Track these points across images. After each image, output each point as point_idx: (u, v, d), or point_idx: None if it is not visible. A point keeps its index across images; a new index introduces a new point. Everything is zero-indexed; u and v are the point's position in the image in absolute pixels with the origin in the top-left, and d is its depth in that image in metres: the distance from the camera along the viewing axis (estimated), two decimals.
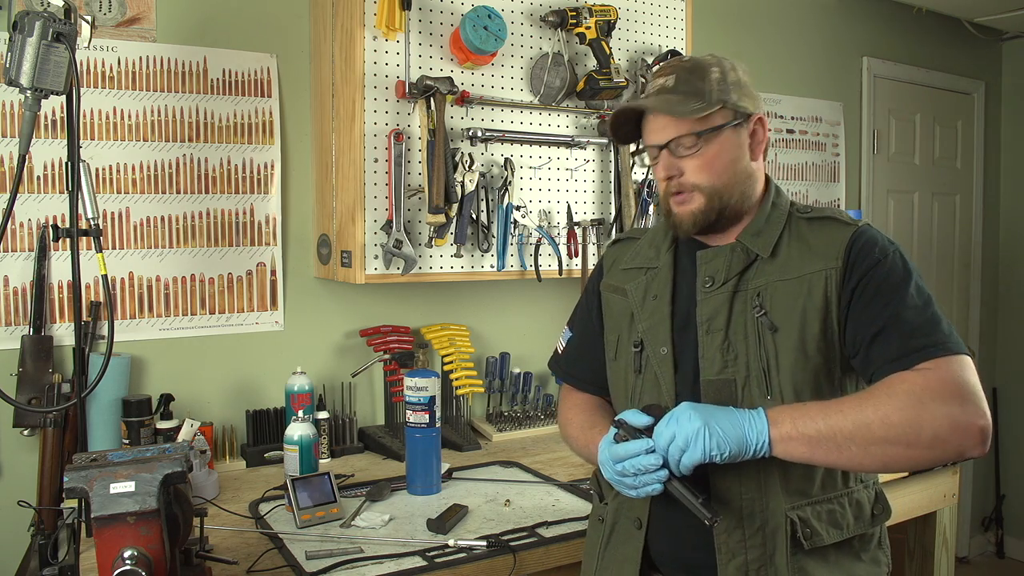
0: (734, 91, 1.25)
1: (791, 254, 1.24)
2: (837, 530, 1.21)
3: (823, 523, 1.20)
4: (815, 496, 1.21)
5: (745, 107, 1.26)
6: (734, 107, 1.25)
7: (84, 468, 1.16)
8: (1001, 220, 4.21)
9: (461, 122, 2.04)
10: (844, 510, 1.23)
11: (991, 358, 4.21)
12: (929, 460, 1.11)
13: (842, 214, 1.28)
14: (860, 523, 1.24)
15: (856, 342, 1.18)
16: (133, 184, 2.00)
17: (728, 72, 1.27)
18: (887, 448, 1.08)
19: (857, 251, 1.20)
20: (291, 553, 1.48)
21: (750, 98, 1.28)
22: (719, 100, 1.23)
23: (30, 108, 1.43)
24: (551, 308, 2.60)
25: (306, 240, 2.22)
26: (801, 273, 1.21)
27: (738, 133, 1.26)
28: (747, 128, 1.27)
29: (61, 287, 1.91)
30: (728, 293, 1.24)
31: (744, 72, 1.29)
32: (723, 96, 1.24)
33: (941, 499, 2.23)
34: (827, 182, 3.36)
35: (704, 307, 1.25)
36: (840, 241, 1.22)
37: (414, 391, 1.79)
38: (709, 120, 1.23)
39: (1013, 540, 4.17)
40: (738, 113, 1.25)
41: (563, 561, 1.55)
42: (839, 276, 1.19)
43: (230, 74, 2.11)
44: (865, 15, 3.49)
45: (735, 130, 1.25)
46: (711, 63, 1.27)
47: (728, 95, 1.24)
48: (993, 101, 4.13)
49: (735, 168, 1.25)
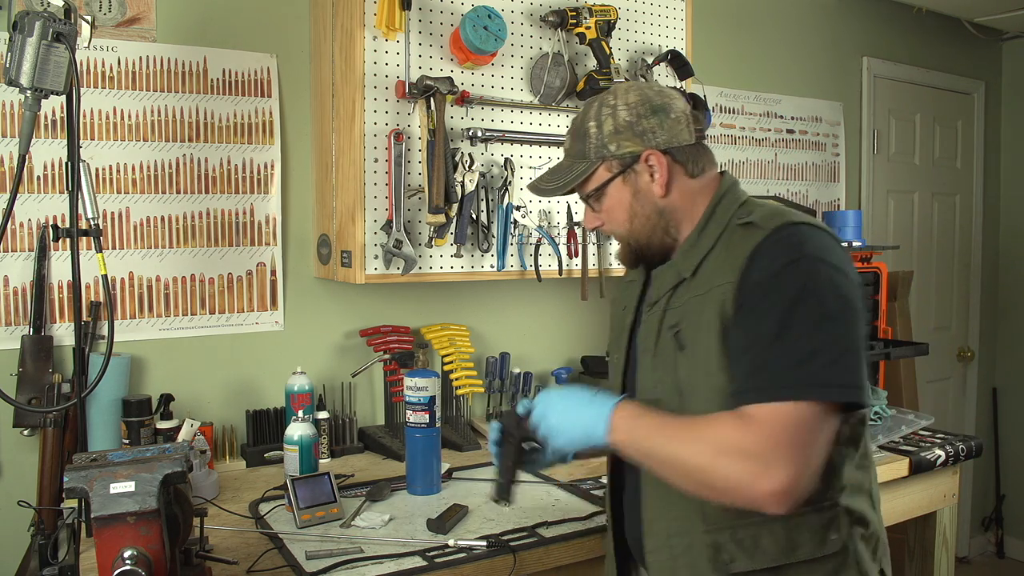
0: (612, 141, 1.24)
1: (710, 268, 1.19)
2: (764, 555, 1.13)
3: (744, 548, 1.14)
4: (736, 521, 1.14)
5: (627, 153, 1.24)
6: (616, 157, 1.25)
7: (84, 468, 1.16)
8: (1001, 220, 4.21)
9: (461, 122, 2.04)
10: (775, 535, 1.13)
11: (991, 358, 4.21)
12: (731, 503, 1.09)
13: (775, 216, 1.17)
14: (803, 548, 1.13)
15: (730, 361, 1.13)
16: (133, 184, 2.00)
17: (604, 122, 1.25)
18: (690, 485, 1.10)
19: (755, 261, 1.12)
20: (291, 553, 1.48)
21: (635, 137, 1.24)
22: (598, 157, 1.26)
23: (30, 108, 1.43)
24: (551, 308, 2.60)
25: (306, 240, 2.23)
26: (709, 288, 1.16)
27: (630, 180, 1.25)
28: (638, 170, 1.25)
29: (61, 287, 1.91)
30: (660, 312, 1.24)
31: (631, 107, 1.24)
32: (601, 152, 1.25)
33: (941, 499, 2.23)
34: (827, 182, 3.36)
35: (643, 327, 1.28)
36: (745, 250, 1.14)
37: (414, 391, 1.79)
38: (595, 178, 1.27)
39: (1013, 540, 4.17)
40: (622, 162, 1.25)
41: (563, 561, 1.55)
42: (734, 289, 1.12)
43: (230, 74, 2.11)
44: (865, 15, 3.49)
45: (624, 179, 1.26)
46: (589, 117, 1.27)
47: (605, 148, 1.25)
48: (993, 101, 4.13)
49: (638, 213, 1.26)
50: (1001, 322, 4.21)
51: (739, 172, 3.06)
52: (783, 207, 1.21)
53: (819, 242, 1.12)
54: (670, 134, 1.24)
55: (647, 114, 1.24)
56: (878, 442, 2.17)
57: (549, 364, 2.61)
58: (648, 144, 1.24)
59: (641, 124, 1.23)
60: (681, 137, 1.25)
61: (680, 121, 1.25)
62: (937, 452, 2.13)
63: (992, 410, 4.20)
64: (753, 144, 3.11)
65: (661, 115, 1.24)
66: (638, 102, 1.24)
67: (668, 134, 1.24)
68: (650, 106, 1.24)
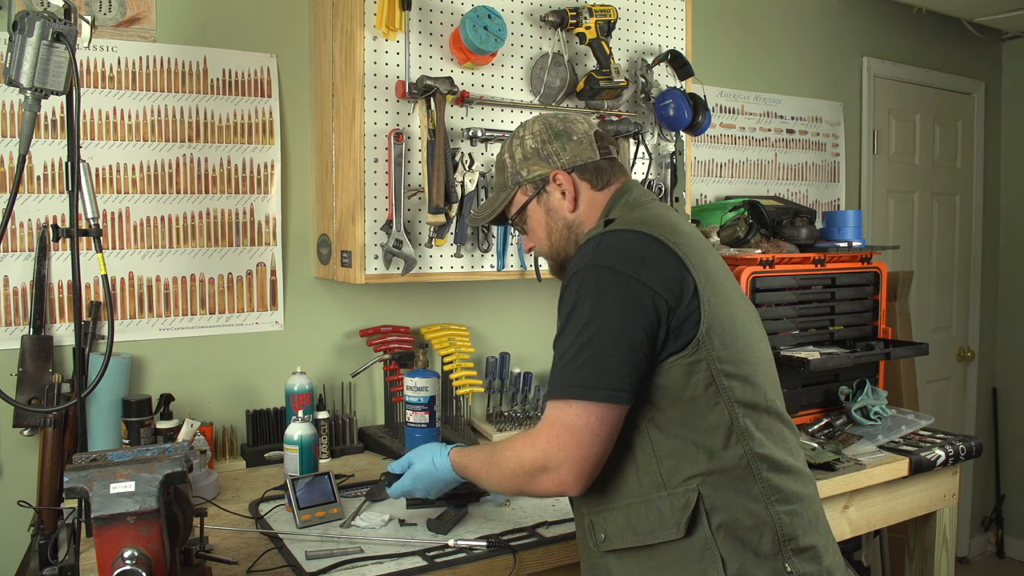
0: (523, 167, 1.42)
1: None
2: (634, 535, 1.23)
3: (617, 527, 1.25)
4: (610, 503, 1.26)
5: (536, 176, 1.41)
6: (528, 181, 1.42)
7: (84, 468, 1.16)
8: (1001, 220, 4.21)
9: (461, 122, 2.04)
10: (642, 517, 1.22)
11: (991, 358, 4.21)
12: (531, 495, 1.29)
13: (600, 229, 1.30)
14: (663, 531, 1.21)
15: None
16: (133, 184, 2.00)
17: (515, 152, 1.43)
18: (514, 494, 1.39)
19: (567, 273, 1.28)
20: (291, 553, 1.48)
21: (542, 161, 1.40)
22: (514, 183, 1.44)
23: (30, 108, 1.43)
24: (551, 308, 2.58)
25: (306, 240, 2.23)
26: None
27: (543, 200, 1.42)
28: (549, 190, 1.41)
29: (61, 287, 1.91)
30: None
31: (536, 135, 1.41)
32: (516, 179, 1.43)
33: (941, 499, 2.23)
34: (827, 182, 3.36)
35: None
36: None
37: (414, 391, 1.80)
38: (515, 203, 1.45)
39: (1013, 540, 4.17)
40: (535, 185, 1.42)
41: (563, 561, 1.55)
42: (559, 300, 1.29)
43: (230, 74, 2.11)
44: (865, 15, 3.49)
45: (538, 200, 1.42)
46: (504, 151, 1.46)
47: (519, 175, 1.43)
48: (993, 101, 4.13)
49: (554, 229, 1.42)
50: (1001, 322, 4.21)
51: (739, 172, 3.06)
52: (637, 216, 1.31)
53: (610, 248, 1.24)
54: (573, 154, 1.40)
55: (550, 139, 1.41)
56: (878, 442, 2.17)
57: (549, 364, 2.59)
58: (554, 165, 1.40)
59: (546, 148, 1.40)
60: (584, 155, 1.40)
61: (582, 142, 1.41)
62: (937, 452, 2.13)
63: (992, 410, 4.20)
64: (753, 144, 3.11)
65: (563, 138, 1.40)
66: (541, 130, 1.42)
67: (571, 154, 1.40)
68: (552, 132, 1.41)
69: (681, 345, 1.20)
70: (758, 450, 1.22)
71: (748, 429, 1.22)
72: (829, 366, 2.23)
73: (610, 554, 1.27)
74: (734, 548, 1.19)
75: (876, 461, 2.03)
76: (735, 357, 1.23)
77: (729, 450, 1.20)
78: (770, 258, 2.29)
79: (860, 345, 2.41)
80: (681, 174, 2.36)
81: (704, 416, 1.21)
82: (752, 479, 1.21)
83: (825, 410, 2.39)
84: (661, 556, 1.21)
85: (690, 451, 1.21)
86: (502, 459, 1.29)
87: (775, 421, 1.28)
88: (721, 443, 1.20)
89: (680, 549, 1.20)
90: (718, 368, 1.21)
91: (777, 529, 1.20)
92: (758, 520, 1.20)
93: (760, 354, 1.30)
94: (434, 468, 1.44)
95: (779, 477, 1.23)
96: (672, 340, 1.20)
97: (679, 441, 1.21)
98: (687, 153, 2.39)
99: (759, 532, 1.20)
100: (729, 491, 1.20)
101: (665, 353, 1.20)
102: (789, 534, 1.21)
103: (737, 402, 1.22)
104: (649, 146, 2.31)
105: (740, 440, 1.21)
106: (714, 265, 1.28)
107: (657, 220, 1.29)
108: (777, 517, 1.21)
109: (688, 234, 1.29)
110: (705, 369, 1.20)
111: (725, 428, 1.21)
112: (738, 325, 1.26)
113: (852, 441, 2.17)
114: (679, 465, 1.21)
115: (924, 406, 3.34)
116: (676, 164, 2.36)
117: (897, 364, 2.98)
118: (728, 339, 1.22)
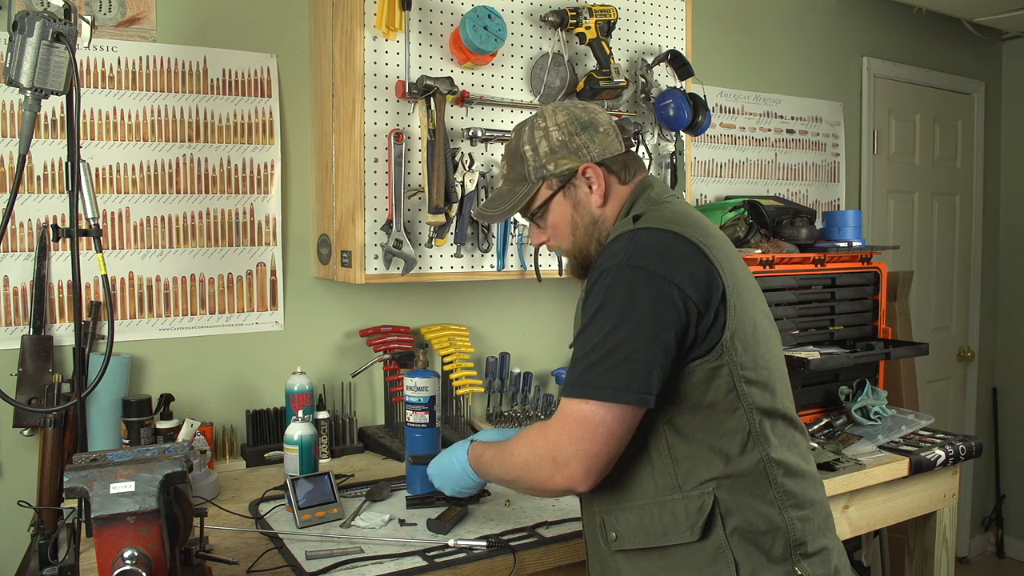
0: (550, 160, 1.33)
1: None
2: (646, 536, 1.22)
3: (630, 527, 1.24)
4: (623, 503, 1.26)
5: (565, 170, 1.33)
6: (555, 175, 1.34)
7: (84, 468, 1.16)
8: (1001, 220, 4.21)
9: (461, 122, 2.04)
10: (655, 519, 1.22)
11: (991, 358, 4.21)
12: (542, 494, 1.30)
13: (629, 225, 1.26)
14: (676, 533, 1.20)
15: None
16: (133, 184, 2.00)
17: (539, 144, 1.34)
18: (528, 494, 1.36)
19: (592, 271, 1.25)
20: (291, 553, 1.48)
21: (571, 154, 1.33)
22: (539, 178, 1.35)
23: (30, 108, 1.43)
24: (551, 308, 2.61)
25: (306, 240, 2.23)
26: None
27: (570, 194, 1.35)
28: (577, 184, 1.34)
29: (61, 287, 1.91)
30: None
31: (562, 126, 1.33)
32: (540, 172, 1.34)
33: (941, 499, 2.23)
34: (827, 182, 3.36)
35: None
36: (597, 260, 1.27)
37: (414, 391, 1.79)
38: (538, 197, 1.36)
39: (1013, 540, 4.17)
40: (561, 179, 1.34)
41: (563, 561, 1.55)
42: (583, 297, 1.26)
43: (230, 74, 2.11)
44: (865, 15, 3.49)
45: (564, 194, 1.35)
46: (524, 141, 1.36)
47: (544, 168, 1.34)
48: (993, 101, 4.13)
49: (579, 225, 1.35)
50: (1001, 322, 4.21)
51: (739, 172, 3.06)
52: (667, 214, 1.26)
53: (644, 248, 1.19)
54: (602, 146, 1.33)
55: (578, 131, 1.33)
56: (878, 442, 2.17)
57: (549, 364, 2.61)
58: (584, 159, 1.33)
59: (574, 141, 1.33)
60: (612, 148, 1.34)
61: (609, 133, 1.34)
62: (937, 452, 2.13)
63: (992, 410, 4.20)
64: (753, 144, 3.11)
65: (591, 130, 1.33)
66: (567, 121, 1.34)
67: (600, 147, 1.33)
68: (579, 123, 1.33)
69: (706, 349, 1.18)
70: (774, 455, 1.21)
71: (765, 434, 1.21)
72: (829, 366, 2.23)
73: (621, 554, 1.26)
74: (747, 552, 1.18)
75: (876, 461, 2.03)
76: (756, 363, 1.22)
77: (746, 455, 1.20)
78: (770, 258, 2.29)
79: (860, 345, 2.41)
80: (681, 174, 2.36)
81: (723, 421, 1.20)
82: (767, 484, 1.20)
83: (825, 410, 2.39)
84: (673, 557, 1.21)
85: (707, 455, 1.20)
86: (514, 449, 1.29)
87: (789, 427, 1.28)
88: (738, 448, 1.20)
89: (693, 552, 1.19)
90: (739, 374, 1.20)
91: (789, 534, 1.20)
92: (772, 524, 1.20)
93: (777, 360, 1.30)
94: (454, 462, 1.44)
95: (793, 482, 1.23)
96: (698, 344, 1.18)
97: (696, 445, 1.20)
98: (687, 153, 2.39)
99: (772, 536, 1.19)
100: (744, 495, 1.19)
101: (690, 356, 1.19)
102: (800, 539, 1.21)
103: (756, 408, 1.21)
104: (649, 146, 2.31)
105: (757, 445, 1.21)
106: (740, 268, 1.27)
107: (688, 219, 1.26)
108: (790, 522, 1.20)
109: (716, 235, 1.27)
110: (727, 374, 1.19)
111: (743, 433, 1.20)
112: (759, 331, 1.25)
113: (852, 441, 2.17)
114: (695, 468, 1.20)
115: (924, 406, 3.34)
116: (676, 164, 2.36)
117: (897, 364, 2.98)
118: (750, 345, 1.21)
